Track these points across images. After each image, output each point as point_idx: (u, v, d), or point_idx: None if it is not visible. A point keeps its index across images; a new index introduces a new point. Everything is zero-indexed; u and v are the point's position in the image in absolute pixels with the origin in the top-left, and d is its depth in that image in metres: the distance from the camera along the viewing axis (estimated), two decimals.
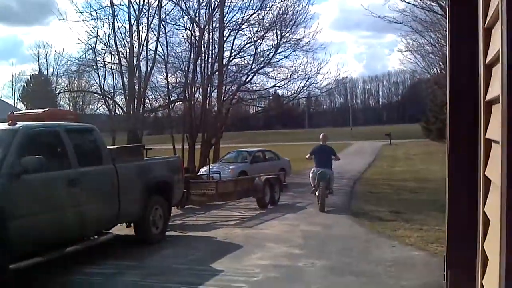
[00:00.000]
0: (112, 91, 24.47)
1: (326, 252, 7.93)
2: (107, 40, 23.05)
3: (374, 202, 13.82)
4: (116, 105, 24.78)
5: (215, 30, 22.15)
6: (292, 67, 22.95)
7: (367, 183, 19.40)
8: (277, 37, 22.04)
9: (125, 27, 23.32)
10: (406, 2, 22.77)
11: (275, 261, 7.46)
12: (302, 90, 23.47)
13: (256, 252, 8.07)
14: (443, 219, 8.78)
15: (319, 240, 8.85)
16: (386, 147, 45.02)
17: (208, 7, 21.40)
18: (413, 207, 12.66)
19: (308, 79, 22.63)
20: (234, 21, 22.63)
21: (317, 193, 12.46)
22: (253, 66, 22.37)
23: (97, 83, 24.49)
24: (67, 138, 7.21)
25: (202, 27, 21.36)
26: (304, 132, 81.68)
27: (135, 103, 23.15)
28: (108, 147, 8.56)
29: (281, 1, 21.88)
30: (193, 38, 21.66)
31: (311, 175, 13.12)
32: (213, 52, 22.19)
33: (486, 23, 1.87)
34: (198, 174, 17.08)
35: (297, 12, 22.05)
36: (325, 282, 6.34)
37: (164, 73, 22.55)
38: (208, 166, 17.68)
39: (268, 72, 23.03)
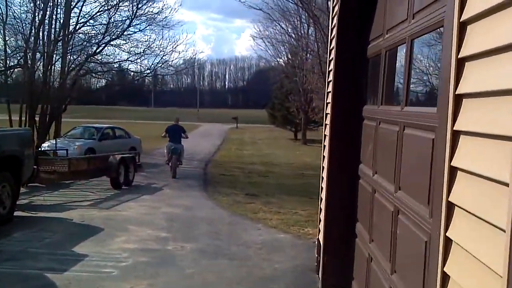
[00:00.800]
0: None
1: (193, 235, 7.81)
2: None
3: (229, 185, 14.04)
4: None
5: None
6: (146, 41, 22.22)
7: (218, 165, 19.65)
8: (132, 8, 21.13)
9: None
10: None
11: (142, 245, 7.14)
12: (157, 66, 22.88)
13: (119, 235, 7.65)
14: (296, 203, 9.25)
15: (183, 223, 8.69)
16: (233, 131, 46.07)
17: None
18: (266, 190, 13.12)
19: (164, 56, 22.10)
20: None
21: (170, 164, 15.20)
22: (105, 37, 21.15)
23: None
24: None
25: None
26: (150, 110, 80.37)
27: None
28: None
29: None
30: None
31: (165, 149, 15.71)
32: (59, 17, 20.52)
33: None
34: (40, 149, 15.73)
35: None
36: (199, 266, 6.22)
37: (2, 35, 20.29)
38: (54, 141, 16.43)
39: (121, 45, 22.00)
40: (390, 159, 3.71)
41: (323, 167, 6.00)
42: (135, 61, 22.56)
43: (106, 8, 21.03)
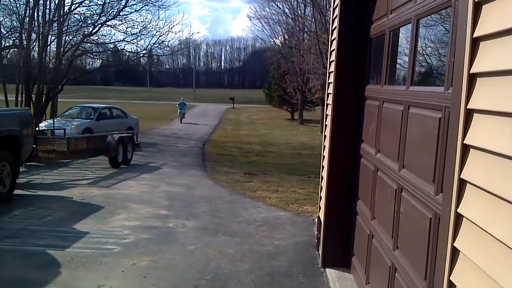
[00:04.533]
0: None
1: (194, 213, 7.86)
2: None
3: (227, 164, 14.10)
4: None
5: None
6: (142, 22, 22.01)
7: (216, 145, 19.69)
8: None
9: None
10: None
11: (142, 222, 7.18)
12: (153, 47, 22.70)
13: (120, 213, 7.69)
14: (294, 182, 9.31)
15: (184, 201, 8.73)
16: (230, 111, 46.00)
17: None
18: (264, 169, 13.19)
19: (160, 36, 21.91)
20: None
21: (179, 118, 31.69)
22: (100, 17, 20.93)
23: None
24: None
25: None
26: (146, 91, 79.93)
27: None
28: None
29: None
30: None
31: (178, 113, 32.40)
32: None
33: None
34: (38, 129, 15.70)
35: None
36: (201, 242, 6.27)
37: None
38: (51, 121, 16.40)
39: (117, 25, 21.77)
40: (393, 138, 3.74)
41: (324, 146, 6.03)
42: (131, 41, 22.28)
43: None
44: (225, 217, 7.65)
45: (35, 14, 19.66)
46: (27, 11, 19.42)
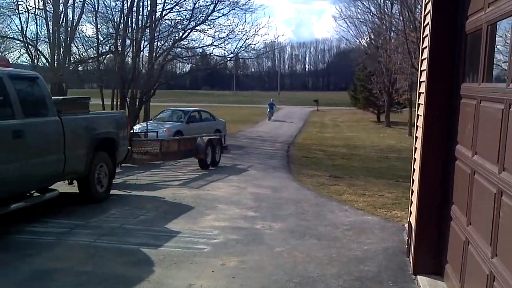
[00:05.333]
0: (35, 39, 22.84)
1: (281, 215, 7.88)
2: None
3: (312, 167, 14.04)
4: (40, 55, 23.09)
5: None
6: (230, 26, 22.50)
7: (301, 148, 19.69)
8: None
9: None
10: None
11: (231, 223, 7.30)
12: (240, 50, 23.13)
13: (209, 213, 7.87)
14: (382, 186, 9.06)
15: (270, 203, 8.78)
16: (314, 113, 45.90)
17: None
18: (350, 172, 13.00)
19: (246, 39, 22.28)
20: None
21: (268, 116, 36.85)
22: (190, 22, 21.65)
23: (18, 29, 22.58)
24: (11, 85, 6.53)
25: None
26: (233, 94, 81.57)
27: (61, 53, 21.80)
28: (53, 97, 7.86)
29: None
30: None
31: (268, 112, 37.57)
32: (146, 4, 21.29)
33: None
34: (132, 131, 16.48)
35: None
36: (288, 245, 6.27)
37: (94, 23, 21.38)
38: (144, 123, 17.17)
39: (205, 30, 22.41)
40: (493, 139, 3.54)
41: (415, 148, 5.83)
42: (218, 45, 22.90)
43: None
44: (311, 220, 7.60)
45: (129, 21, 20.70)
46: (122, 18, 20.48)
